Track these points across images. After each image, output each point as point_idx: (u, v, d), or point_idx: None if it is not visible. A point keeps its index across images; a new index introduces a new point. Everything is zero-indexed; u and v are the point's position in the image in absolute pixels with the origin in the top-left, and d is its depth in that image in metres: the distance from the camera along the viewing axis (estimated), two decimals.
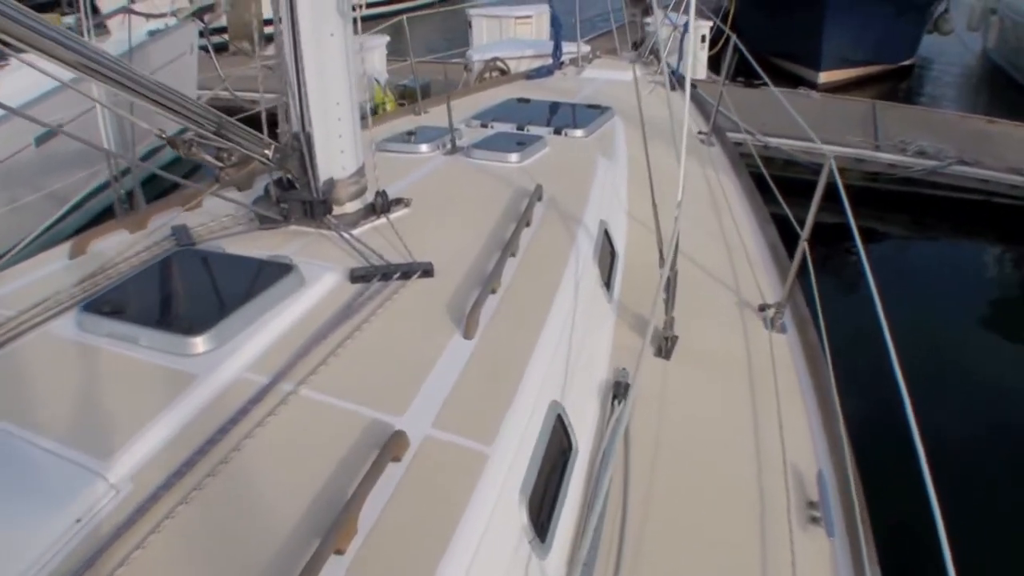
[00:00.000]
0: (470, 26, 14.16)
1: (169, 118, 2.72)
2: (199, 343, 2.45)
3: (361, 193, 3.53)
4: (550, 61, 8.64)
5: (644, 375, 3.09)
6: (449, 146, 4.72)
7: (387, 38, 11.58)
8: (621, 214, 4.27)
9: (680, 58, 8.12)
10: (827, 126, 10.81)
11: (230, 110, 11.23)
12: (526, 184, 4.00)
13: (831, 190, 3.28)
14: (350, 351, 2.49)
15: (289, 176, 3.38)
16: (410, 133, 4.94)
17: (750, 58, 6.35)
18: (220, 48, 17.57)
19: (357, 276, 2.96)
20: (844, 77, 15.46)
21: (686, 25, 8.57)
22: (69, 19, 9.36)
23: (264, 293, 2.70)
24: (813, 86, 14.31)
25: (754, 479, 2.65)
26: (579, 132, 5.21)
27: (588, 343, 2.98)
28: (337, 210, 3.46)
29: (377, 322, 2.66)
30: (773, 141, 9.56)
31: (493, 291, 2.81)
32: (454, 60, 13.62)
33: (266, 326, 2.59)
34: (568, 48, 9.07)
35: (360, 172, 3.51)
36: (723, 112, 8.49)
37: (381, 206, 3.53)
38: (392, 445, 1.95)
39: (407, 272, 2.98)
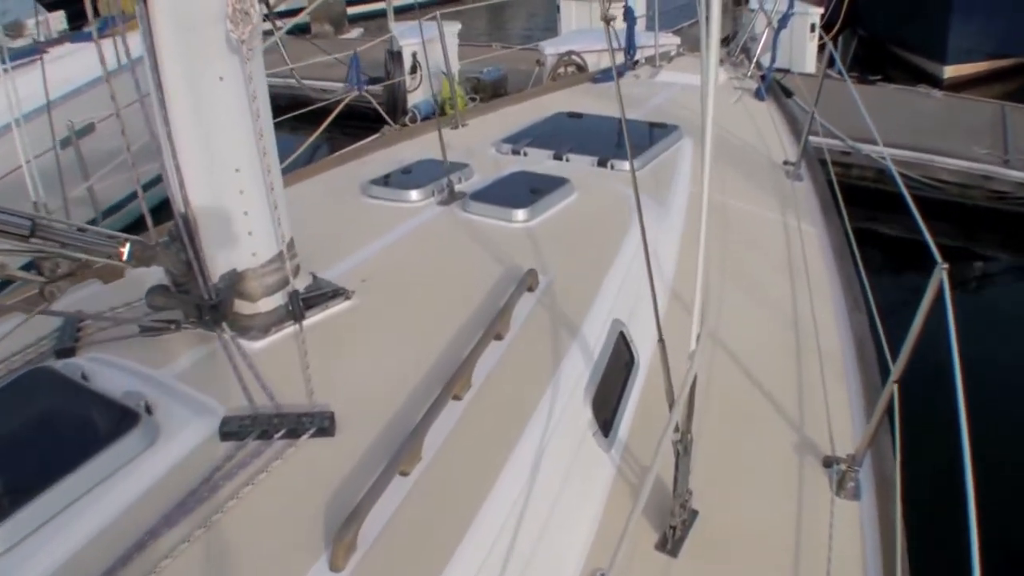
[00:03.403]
0: (558, 10, 13.25)
1: None
2: None
3: (285, 283, 2.71)
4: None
5: None
6: (446, 193, 3.78)
7: (458, 25, 10.80)
8: (659, 292, 3.40)
9: (774, 59, 7.04)
10: (949, 132, 9.57)
11: (297, 101, 10.70)
12: (524, 259, 3.12)
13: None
14: None
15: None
16: (405, 171, 4.05)
17: (837, 58, 5.24)
18: (302, 30, 17.28)
19: (228, 432, 2.16)
20: (972, 71, 13.85)
21: (784, 18, 7.53)
22: None
23: (97, 458, 1.98)
24: (937, 82, 12.84)
25: None
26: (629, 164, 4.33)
27: (550, 538, 2.11)
28: (248, 309, 2.66)
29: (224, 523, 1.87)
30: (875, 150, 8.38)
31: (403, 473, 1.97)
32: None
33: (76, 520, 1.87)
34: (662, 40, 8.05)
35: (285, 255, 2.71)
36: (797, 103, 7.30)
37: (296, 311, 2.67)
38: None
39: (295, 429, 2.16)
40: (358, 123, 9.99)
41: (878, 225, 8.10)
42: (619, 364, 2.82)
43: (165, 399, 2.27)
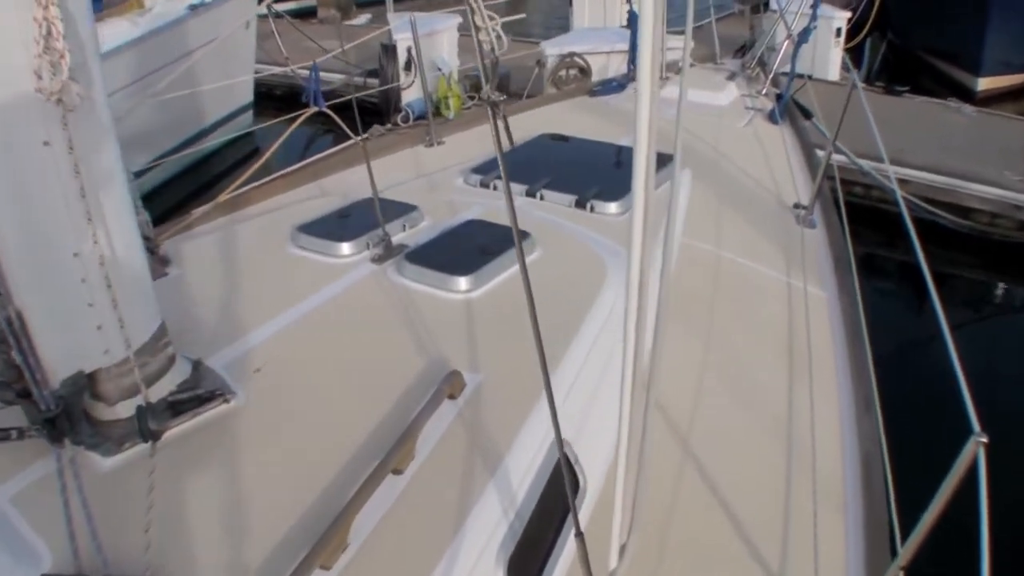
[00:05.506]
0: (571, 4, 12.59)
1: None
2: None
3: (150, 382, 2.15)
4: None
5: None
6: (381, 248, 3.13)
7: (458, 19, 10.14)
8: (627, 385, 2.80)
9: (792, 76, 6.38)
10: (980, 153, 8.88)
11: (293, 91, 9.98)
12: (456, 346, 2.53)
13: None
14: None
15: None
16: (342, 214, 3.40)
17: (857, 78, 4.55)
18: (308, 14, 16.63)
19: None
20: (1007, 84, 13.08)
21: (805, 31, 6.87)
22: None
23: None
24: (969, 95, 12.11)
25: None
26: (612, 206, 3.71)
27: None
28: (107, 413, 2.14)
29: None
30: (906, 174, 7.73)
31: None
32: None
33: None
34: (671, 42, 7.40)
35: (149, 348, 2.16)
36: (817, 126, 6.64)
37: (145, 432, 2.11)
38: None
39: None
40: (354, 113, 9.42)
41: (894, 252, 7.53)
42: (558, 496, 2.24)
43: None
